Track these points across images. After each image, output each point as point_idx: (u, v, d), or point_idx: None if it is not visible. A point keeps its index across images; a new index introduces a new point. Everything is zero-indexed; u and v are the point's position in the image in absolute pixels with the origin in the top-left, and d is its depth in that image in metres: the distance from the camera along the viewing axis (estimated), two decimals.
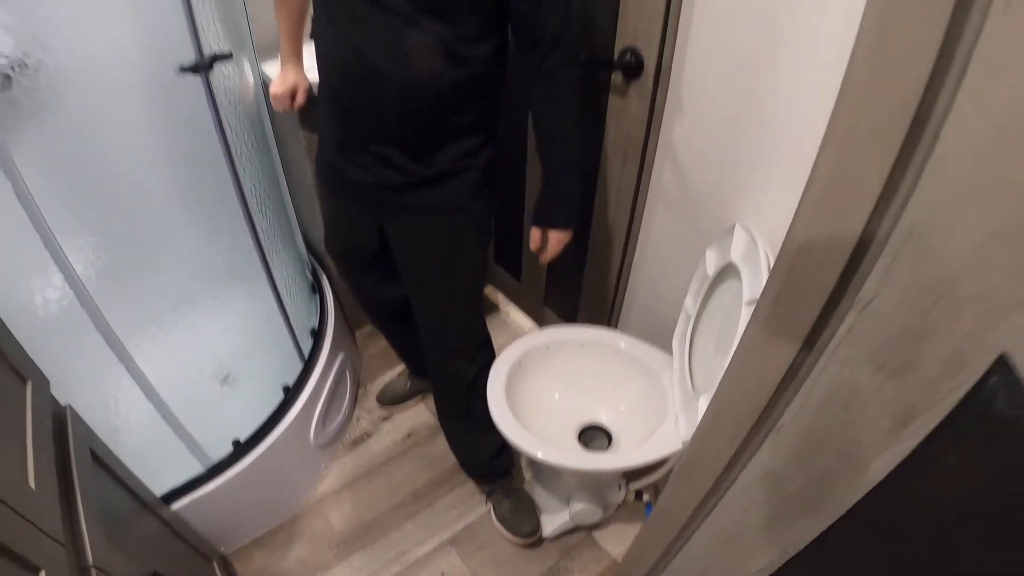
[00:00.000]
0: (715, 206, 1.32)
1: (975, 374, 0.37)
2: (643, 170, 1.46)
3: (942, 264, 0.39)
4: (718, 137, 1.25)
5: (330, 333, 1.84)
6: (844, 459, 0.49)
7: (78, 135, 1.26)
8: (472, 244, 1.37)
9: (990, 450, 0.37)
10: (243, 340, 1.65)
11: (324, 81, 1.25)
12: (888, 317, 0.44)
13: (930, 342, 0.40)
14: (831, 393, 0.51)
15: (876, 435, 0.45)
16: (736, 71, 1.16)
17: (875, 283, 0.44)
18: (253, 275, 1.59)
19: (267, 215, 1.63)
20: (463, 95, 1.16)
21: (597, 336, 1.54)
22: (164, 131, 1.39)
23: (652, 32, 1.27)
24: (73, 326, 1.22)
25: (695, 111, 1.29)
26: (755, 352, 0.60)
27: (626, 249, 1.62)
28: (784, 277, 0.53)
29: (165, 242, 1.49)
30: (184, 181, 1.46)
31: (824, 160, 0.46)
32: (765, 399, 0.59)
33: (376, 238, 1.42)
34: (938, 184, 0.39)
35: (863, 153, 0.43)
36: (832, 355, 0.50)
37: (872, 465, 0.45)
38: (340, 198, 1.41)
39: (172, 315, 1.46)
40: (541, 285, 2.07)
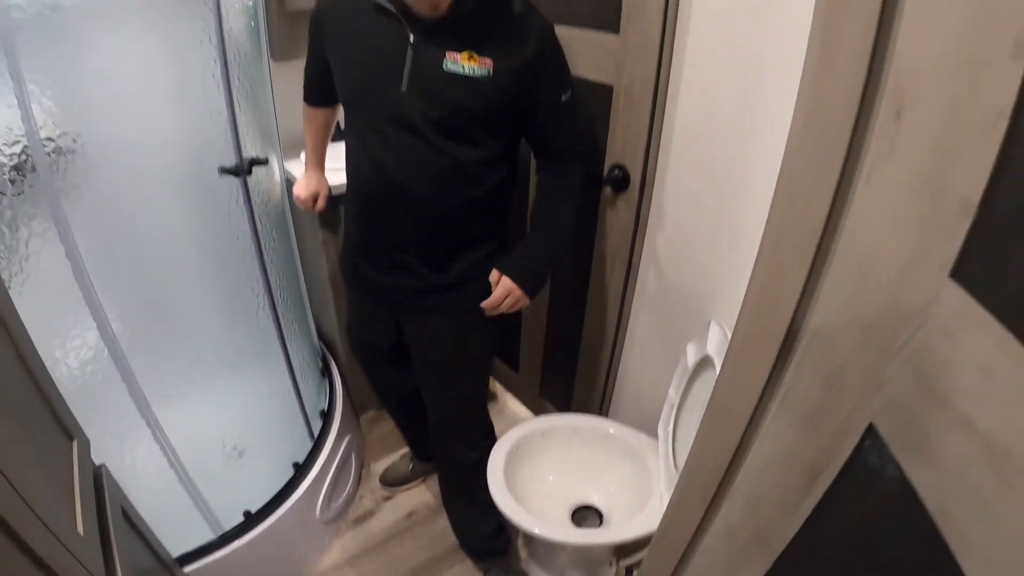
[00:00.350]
0: (693, 305, 1.49)
1: (855, 439, 0.52)
2: (630, 273, 1.64)
3: (833, 360, 0.55)
4: (695, 244, 1.44)
5: (338, 415, 1.97)
6: (778, 507, 0.64)
7: (121, 214, 1.38)
8: (481, 345, 1.49)
9: (868, 493, 0.52)
10: (258, 416, 1.77)
11: (352, 191, 1.40)
12: (800, 401, 0.60)
13: (826, 417, 0.56)
14: (768, 458, 0.66)
15: (797, 487, 0.60)
16: (710, 185, 1.35)
17: (791, 375, 0.61)
18: (272, 356, 1.73)
19: (287, 302, 1.79)
20: (478, 210, 1.31)
21: (589, 423, 1.68)
22: (200, 221, 1.53)
23: (637, 150, 1.48)
24: (104, 387, 1.31)
25: (675, 221, 1.48)
26: (714, 429, 0.76)
27: (615, 344, 1.78)
28: (731, 370, 0.69)
29: (193, 318, 1.61)
30: (215, 266, 1.60)
31: (754, 281, 0.64)
32: (724, 467, 0.74)
33: (393, 333, 1.55)
34: (830, 300, 0.56)
35: (785, 271, 0.60)
36: (767, 429, 0.65)
37: (796, 512, 0.60)
38: (361, 296, 1.55)
39: (194, 387, 1.56)
40: (537, 377, 2.21)
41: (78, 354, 1.29)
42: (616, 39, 1.44)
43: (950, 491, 0.41)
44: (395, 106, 1.21)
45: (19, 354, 0.92)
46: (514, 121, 1.28)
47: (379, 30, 1.20)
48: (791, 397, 0.62)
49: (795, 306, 0.60)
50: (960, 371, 0.40)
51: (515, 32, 1.20)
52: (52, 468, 0.91)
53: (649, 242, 1.58)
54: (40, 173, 1.15)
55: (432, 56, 1.17)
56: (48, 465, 0.90)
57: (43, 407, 0.98)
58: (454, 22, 1.17)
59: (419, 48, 1.18)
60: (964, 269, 0.41)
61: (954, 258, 0.42)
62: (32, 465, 0.80)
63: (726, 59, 1.24)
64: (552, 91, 1.26)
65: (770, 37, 1.14)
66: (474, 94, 1.19)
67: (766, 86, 1.17)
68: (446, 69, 1.17)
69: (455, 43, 1.17)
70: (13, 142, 1.11)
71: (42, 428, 0.96)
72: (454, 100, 1.19)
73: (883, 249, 0.49)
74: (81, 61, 1.22)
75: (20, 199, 1.15)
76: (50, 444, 0.97)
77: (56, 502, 0.85)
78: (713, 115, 1.30)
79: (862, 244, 0.52)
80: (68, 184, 1.22)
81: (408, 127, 1.21)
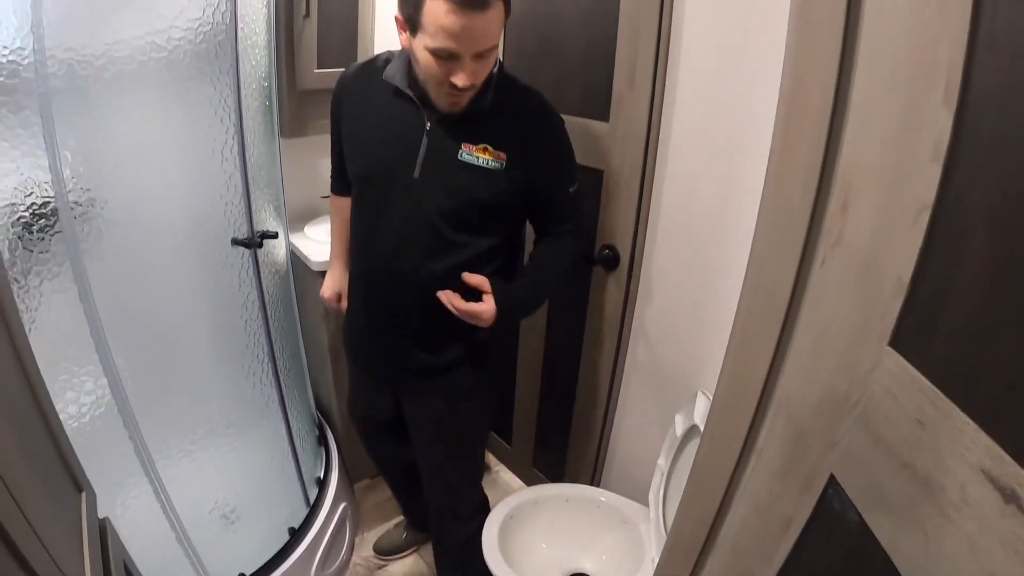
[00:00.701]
0: (680, 377, 1.56)
1: (819, 489, 0.59)
2: (620, 347, 1.71)
3: (799, 421, 0.62)
4: (681, 319, 1.52)
5: (334, 482, 1.99)
6: (758, 557, 0.69)
7: (137, 275, 1.42)
8: (476, 424, 1.54)
9: (833, 535, 0.58)
10: (257, 480, 1.79)
11: (356, 270, 1.43)
12: (772, 458, 0.66)
13: (795, 471, 0.62)
14: (747, 512, 0.72)
15: (773, 536, 0.65)
16: (694, 263, 1.46)
17: (764, 437, 0.68)
18: (272, 421, 1.77)
19: (288, 370, 1.85)
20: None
21: (581, 492, 1.72)
22: (211, 287, 1.58)
23: (626, 231, 1.58)
24: (109, 440, 1.32)
25: (662, 297, 1.57)
26: (699, 488, 0.82)
27: (606, 415, 1.84)
28: (712, 435, 0.76)
29: (199, 380, 1.61)
30: (223, 330, 1.63)
31: (729, 356, 0.71)
32: (709, 523, 0.80)
33: (392, 409, 1.58)
34: (794, 371, 0.63)
35: (755, 348, 0.68)
36: (745, 486, 0.72)
37: (773, 559, 0.66)
38: (362, 373, 1.59)
39: (196, 448, 1.57)
40: (530, 449, 2.25)
41: (84, 405, 1.32)
42: (606, 127, 1.57)
43: (899, 527, 0.47)
44: (406, 191, 1.23)
45: (38, 403, 0.95)
46: (521, 210, 1.31)
47: (397, 114, 1.23)
48: (765, 456, 0.68)
49: (765, 377, 0.67)
50: (900, 424, 0.48)
51: (529, 127, 1.24)
52: (64, 519, 0.93)
53: (638, 318, 1.66)
54: (65, 232, 1.22)
55: (447, 145, 1.21)
56: (61, 516, 0.92)
57: (56, 457, 1.00)
58: (472, 115, 1.20)
59: (435, 136, 1.21)
60: (900, 338, 0.49)
61: (891, 329, 0.50)
62: (51, 516, 0.84)
63: (707, 146, 1.36)
64: (561, 184, 1.31)
65: (746, 128, 1.26)
66: (486, 185, 1.21)
67: (744, 172, 1.28)
68: (460, 159, 1.20)
69: (471, 135, 1.20)
70: (43, 202, 1.18)
71: (55, 478, 0.97)
72: (466, 190, 1.21)
73: (835, 324, 0.58)
74: (108, 128, 1.30)
75: (45, 256, 1.20)
76: (62, 495, 0.98)
77: (72, 553, 0.88)
78: (696, 199, 1.41)
79: (818, 321, 0.61)
80: (90, 244, 1.28)
81: (417, 213, 1.23)
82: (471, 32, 1.04)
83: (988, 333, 0.42)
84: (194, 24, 1.35)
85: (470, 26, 1.03)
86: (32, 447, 0.90)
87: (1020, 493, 0.36)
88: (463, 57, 1.07)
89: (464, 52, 1.06)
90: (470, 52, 1.07)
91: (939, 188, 0.46)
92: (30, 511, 0.75)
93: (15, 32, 1.10)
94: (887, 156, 0.51)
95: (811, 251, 0.61)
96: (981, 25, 0.43)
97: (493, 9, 1.05)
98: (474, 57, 1.08)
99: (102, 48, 1.22)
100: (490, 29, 1.07)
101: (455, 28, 1.02)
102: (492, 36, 1.08)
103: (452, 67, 1.09)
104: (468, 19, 1.02)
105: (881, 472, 0.49)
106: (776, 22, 1.15)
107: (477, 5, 1.02)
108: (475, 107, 1.19)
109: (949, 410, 0.43)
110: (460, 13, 1.01)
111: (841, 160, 0.56)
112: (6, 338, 0.87)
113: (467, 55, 1.07)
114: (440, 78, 1.11)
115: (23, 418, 0.89)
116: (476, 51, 1.07)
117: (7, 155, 1.13)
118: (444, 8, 1.01)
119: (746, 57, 1.25)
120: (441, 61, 1.08)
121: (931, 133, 0.46)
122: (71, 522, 0.95)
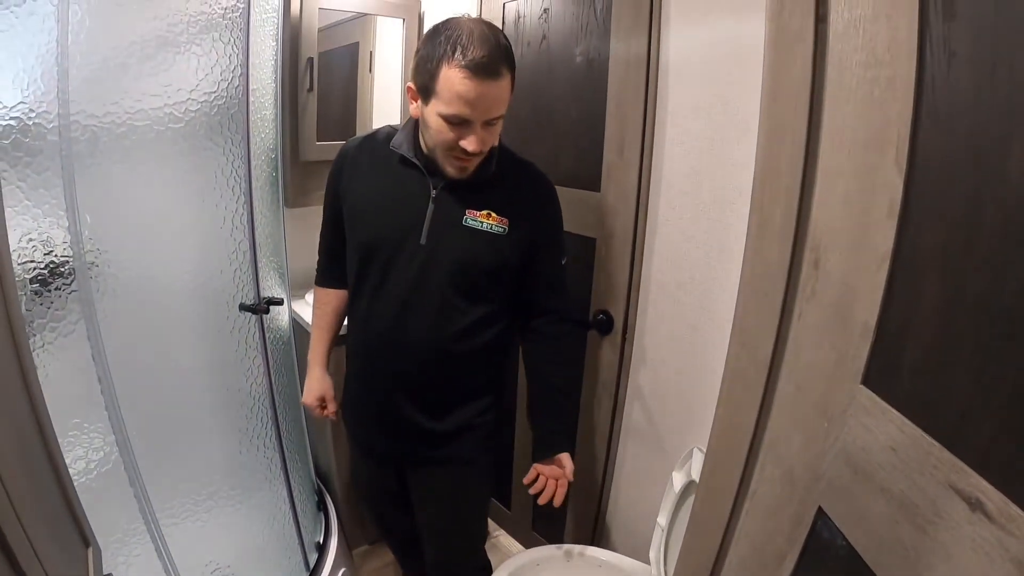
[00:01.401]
0: (676, 434, 1.60)
1: (809, 522, 0.63)
2: (616, 408, 1.75)
3: (786, 460, 0.67)
4: (675, 378, 1.57)
5: (333, 547, 1.97)
6: None
7: (144, 336, 1.44)
8: (479, 490, 1.54)
9: (824, 562, 0.62)
10: (257, 543, 1.77)
11: (356, 342, 1.44)
12: (764, 499, 0.71)
13: (785, 509, 0.67)
14: (744, 552, 0.76)
15: (771, 570, 0.69)
16: (684, 325, 1.52)
17: (756, 480, 0.72)
18: (274, 485, 1.76)
19: (290, 433, 1.86)
20: (481, 362, 1.35)
21: (582, 551, 1.72)
22: (218, 350, 1.60)
23: (619, 295, 1.64)
24: (112, 496, 1.33)
25: (656, 358, 1.62)
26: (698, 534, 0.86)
27: (605, 475, 1.86)
28: (708, 482, 0.81)
29: (202, 440, 1.61)
30: (228, 392, 1.64)
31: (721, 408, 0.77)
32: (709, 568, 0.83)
33: (396, 480, 1.57)
34: (779, 415, 0.69)
35: (743, 399, 0.74)
36: (741, 529, 0.76)
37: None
38: (365, 455, 1.60)
39: (197, 508, 1.56)
40: (529, 513, 2.24)
41: (92, 462, 1.33)
42: (597, 196, 1.65)
43: (881, 546, 0.52)
44: (412, 258, 1.26)
45: (51, 458, 0.95)
46: (518, 279, 1.33)
47: (403, 182, 1.27)
48: (758, 498, 0.73)
49: (754, 425, 0.73)
50: (875, 453, 0.53)
51: (529, 196, 1.30)
52: (73, 573, 0.94)
53: (633, 379, 1.71)
54: (81, 291, 1.26)
55: (453, 211, 1.24)
56: (70, 569, 0.92)
57: (65, 511, 1.00)
58: (476, 183, 1.25)
59: (441, 203, 1.25)
60: (870, 376, 0.55)
61: (863, 369, 0.55)
62: (62, 568, 0.85)
63: (694, 208, 1.45)
64: (554, 254, 1.35)
65: (729, 188, 1.36)
66: (491, 250, 1.25)
67: (728, 236, 1.36)
68: (465, 224, 1.24)
69: (476, 202, 1.25)
70: (61, 261, 1.23)
71: (65, 532, 0.98)
72: (471, 254, 1.25)
73: (813, 370, 0.64)
74: (125, 192, 1.34)
75: (60, 313, 1.24)
76: (70, 548, 0.98)
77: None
78: (685, 260, 1.48)
79: (798, 370, 0.67)
80: (103, 304, 1.31)
81: (423, 279, 1.26)
82: (484, 99, 1.11)
83: (942, 365, 0.48)
84: (209, 97, 1.43)
85: (483, 93, 1.10)
86: (44, 500, 0.91)
87: (983, 500, 0.41)
88: (474, 124, 1.13)
89: (476, 118, 1.12)
90: (481, 119, 1.13)
91: (896, 240, 0.53)
92: (46, 564, 0.77)
93: (42, 96, 1.16)
94: (850, 215, 0.58)
95: (789, 307, 0.67)
96: (924, 102, 0.51)
97: (504, 79, 1.12)
98: (484, 124, 1.14)
99: (123, 116, 1.29)
100: (501, 97, 1.14)
101: (469, 95, 1.09)
102: (502, 104, 1.15)
103: (463, 132, 1.14)
104: (482, 87, 1.09)
105: (862, 498, 0.54)
106: (752, 92, 1.27)
107: (491, 74, 1.09)
108: (479, 175, 1.25)
109: (916, 435, 0.48)
110: (474, 80, 1.08)
111: (812, 221, 0.63)
112: (23, 393, 0.89)
113: (478, 121, 1.13)
114: (451, 143, 1.16)
115: (37, 471, 0.90)
116: (487, 118, 1.14)
117: (29, 213, 1.18)
118: (459, 76, 1.08)
119: (726, 122, 1.35)
120: (453, 127, 1.14)
121: (886, 193, 0.53)
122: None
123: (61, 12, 1.18)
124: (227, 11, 1.45)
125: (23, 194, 1.16)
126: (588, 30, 1.63)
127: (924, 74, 0.50)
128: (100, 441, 1.34)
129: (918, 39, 0.50)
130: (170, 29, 1.36)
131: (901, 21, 0.52)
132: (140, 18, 1.32)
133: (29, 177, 1.17)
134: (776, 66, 0.66)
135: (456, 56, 1.08)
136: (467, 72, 1.08)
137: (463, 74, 1.08)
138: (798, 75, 0.63)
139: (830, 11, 0.60)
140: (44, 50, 1.17)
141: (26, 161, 1.16)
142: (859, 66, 0.57)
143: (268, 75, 1.71)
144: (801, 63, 0.63)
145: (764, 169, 0.69)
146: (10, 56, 1.13)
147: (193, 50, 1.40)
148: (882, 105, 0.54)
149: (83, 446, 1.32)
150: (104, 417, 1.33)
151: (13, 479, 0.72)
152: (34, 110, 1.16)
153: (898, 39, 0.52)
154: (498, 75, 1.10)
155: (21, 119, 1.15)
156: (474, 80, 1.08)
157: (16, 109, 1.14)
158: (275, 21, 1.73)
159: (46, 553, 0.78)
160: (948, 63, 0.49)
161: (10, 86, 1.13)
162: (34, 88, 1.16)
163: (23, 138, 1.15)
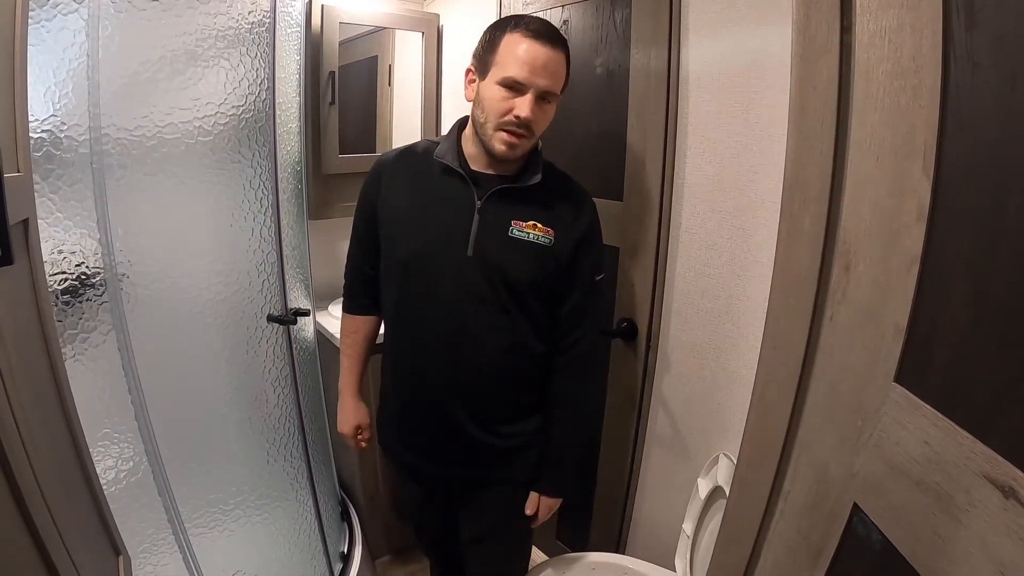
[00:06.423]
0: (701, 441, 1.61)
1: (844, 517, 0.65)
2: (641, 415, 1.76)
3: (819, 459, 0.69)
4: (699, 385, 1.58)
5: (358, 557, 2.00)
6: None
7: (174, 346, 1.47)
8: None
9: (860, 558, 0.64)
10: (284, 552, 1.79)
11: (397, 370, 1.41)
12: (798, 498, 0.72)
13: (820, 508, 0.68)
14: (778, 553, 0.77)
15: (807, 569, 0.71)
16: (708, 332, 1.53)
17: (790, 479, 0.74)
18: (300, 495, 1.79)
19: (315, 444, 1.89)
20: (527, 377, 1.34)
21: (607, 559, 1.73)
22: (245, 360, 1.63)
23: (643, 304, 1.67)
24: (140, 505, 1.34)
25: (680, 365, 1.63)
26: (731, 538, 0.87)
27: (630, 482, 1.87)
28: (741, 485, 0.83)
29: (229, 450, 1.65)
30: (255, 403, 1.64)
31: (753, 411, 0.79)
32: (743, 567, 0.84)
33: (443, 501, 1.55)
34: (811, 415, 0.70)
35: (775, 401, 0.75)
36: (775, 529, 0.77)
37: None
38: (410, 479, 1.57)
39: (224, 517, 1.59)
40: (554, 521, 2.25)
41: (122, 472, 1.35)
42: (620, 206, 1.68)
43: (917, 537, 0.54)
44: (459, 270, 1.24)
45: (83, 468, 0.99)
46: (558, 291, 1.31)
47: (447, 193, 1.26)
48: (791, 498, 0.74)
49: (787, 425, 0.74)
50: (910, 447, 0.55)
51: (573, 208, 1.29)
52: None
53: (657, 386, 1.72)
54: (112, 302, 1.28)
55: (499, 222, 1.24)
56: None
57: (97, 520, 1.03)
58: (520, 192, 1.25)
59: (486, 213, 1.24)
60: (903, 374, 0.57)
61: (895, 367, 0.57)
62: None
63: (716, 215, 1.47)
64: (592, 269, 1.32)
65: (752, 195, 1.37)
66: (536, 261, 1.24)
67: (751, 245, 1.38)
68: (512, 235, 1.23)
69: (521, 212, 1.24)
70: (93, 272, 1.25)
71: (96, 541, 1.01)
72: (518, 265, 1.24)
73: (846, 370, 0.65)
74: (155, 204, 1.37)
75: (91, 324, 1.26)
76: (102, 557, 1.01)
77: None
78: (708, 267, 1.50)
79: (831, 370, 0.68)
80: (133, 314, 1.33)
81: (470, 291, 1.25)
82: (542, 63, 1.15)
83: (973, 361, 0.50)
84: (237, 110, 1.47)
85: (542, 56, 1.15)
86: (78, 511, 0.93)
87: (1016, 488, 0.43)
88: (530, 92, 1.16)
89: (532, 83, 1.16)
90: (536, 86, 1.16)
91: (924, 243, 0.55)
92: (82, 573, 0.79)
93: (73, 109, 1.20)
94: (879, 220, 0.60)
95: (820, 309, 0.69)
96: (949, 110, 0.53)
97: (561, 54, 1.19)
98: (537, 98, 1.17)
99: (153, 130, 1.32)
100: (557, 71, 1.19)
101: (528, 55, 1.15)
102: (557, 80, 1.19)
103: (516, 102, 1.17)
104: (541, 50, 1.15)
105: (897, 492, 0.56)
106: (772, 100, 1.29)
107: (551, 40, 1.16)
108: (524, 177, 1.26)
109: (949, 428, 0.50)
110: (535, 42, 1.15)
111: (841, 226, 0.65)
112: (57, 405, 0.92)
113: (532, 89, 1.16)
114: (504, 111, 1.18)
115: (71, 482, 0.93)
116: (543, 87, 1.17)
117: (60, 224, 1.21)
118: (521, 37, 1.15)
119: (747, 131, 1.37)
120: (508, 93, 1.17)
121: (914, 198, 0.55)
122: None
123: (91, 27, 1.21)
124: (254, 26, 1.49)
125: (55, 206, 1.19)
126: (608, 42, 1.67)
127: (949, 83, 0.52)
128: (130, 451, 1.36)
129: (942, 49, 0.52)
130: (199, 44, 1.40)
131: (925, 32, 0.54)
132: (169, 33, 1.35)
133: (61, 189, 1.19)
134: (803, 76, 0.68)
135: (519, 26, 1.17)
136: (529, 34, 1.15)
137: (524, 35, 1.15)
138: (825, 85, 0.65)
139: (855, 23, 0.62)
140: (75, 64, 1.20)
141: (58, 173, 1.19)
142: (885, 76, 0.59)
143: (293, 88, 1.75)
144: (828, 73, 0.65)
145: (793, 177, 0.71)
146: (42, 70, 1.15)
147: (221, 64, 1.44)
148: (909, 113, 0.57)
149: (113, 456, 1.34)
150: (134, 427, 1.35)
151: (53, 494, 0.74)
152: (65, 123, 1.19)
153: (923, 49, 0.54)
154: (557, 44, 1.17)
155: (53, 132, 1.17)
156: (535, 42, 1.15)
157: (48, 122, 1.17)
158: (299, 35, 1.78)
159: (81, 562, 0.81)
160: (972, 72, 0.51)
161: (42, 99, 1.16)
162: (65, 102, 1.19)
163: (55, 151, 1.18)
